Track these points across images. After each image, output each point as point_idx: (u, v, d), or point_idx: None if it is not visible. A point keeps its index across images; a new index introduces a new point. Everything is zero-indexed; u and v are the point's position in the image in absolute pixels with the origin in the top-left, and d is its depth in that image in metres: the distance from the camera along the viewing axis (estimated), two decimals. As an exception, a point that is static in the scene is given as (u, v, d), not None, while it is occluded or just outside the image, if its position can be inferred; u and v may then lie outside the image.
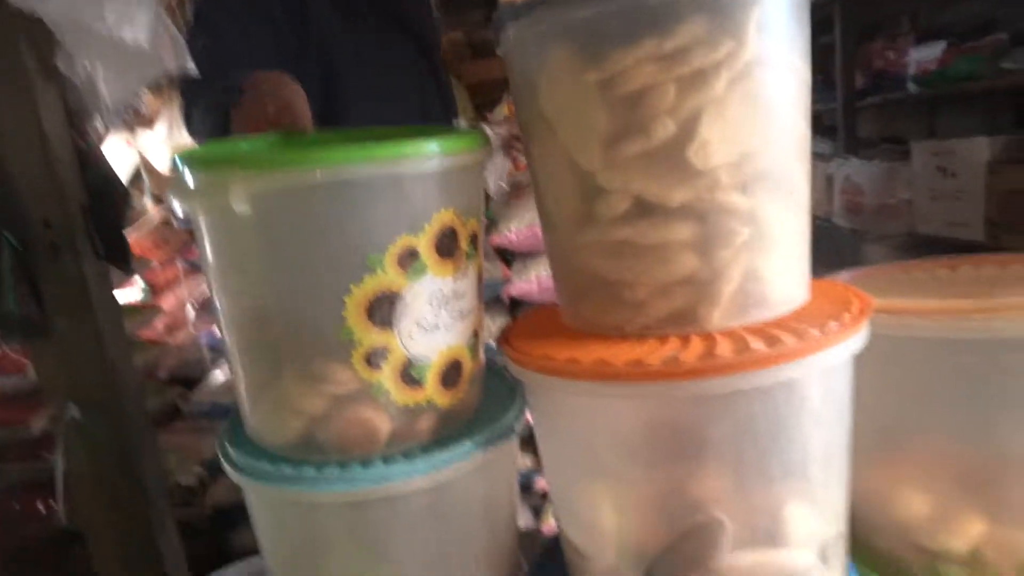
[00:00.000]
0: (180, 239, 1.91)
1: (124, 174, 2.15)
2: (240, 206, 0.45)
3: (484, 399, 0.61)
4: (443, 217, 0.50)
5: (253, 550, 1.32)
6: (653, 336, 0.52)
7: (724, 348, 0.48)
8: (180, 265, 1.90)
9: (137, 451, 0.83)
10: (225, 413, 1.73)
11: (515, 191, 1.67)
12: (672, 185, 0.49)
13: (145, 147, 2.34)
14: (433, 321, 0.52)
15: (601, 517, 0.57)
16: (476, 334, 0.57)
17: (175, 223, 1.72)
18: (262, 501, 0.57)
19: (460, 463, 0.52)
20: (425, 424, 0.54)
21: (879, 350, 0.62)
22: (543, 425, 0.59)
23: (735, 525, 0.51)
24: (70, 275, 0.79)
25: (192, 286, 1.92)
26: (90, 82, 0.73)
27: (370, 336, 0.49)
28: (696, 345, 0.49)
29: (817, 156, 2.27)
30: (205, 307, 1.72)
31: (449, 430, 0.55)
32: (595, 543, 0.58)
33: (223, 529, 1.67)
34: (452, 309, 0.53)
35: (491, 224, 1.68)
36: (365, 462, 0.52)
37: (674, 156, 0.49)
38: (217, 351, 1.77)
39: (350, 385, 0.50)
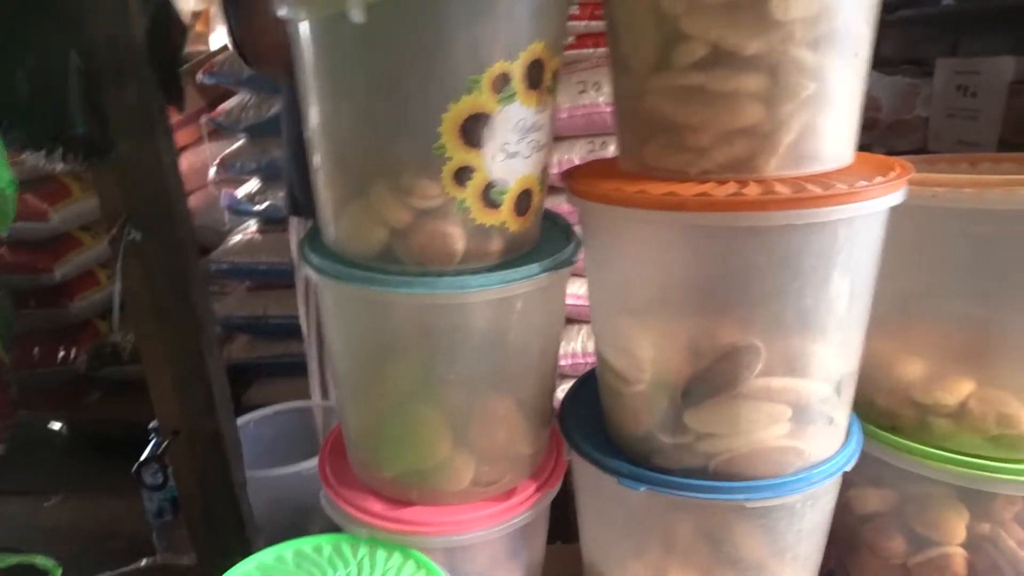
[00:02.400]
0: (195, 98, 1.90)
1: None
2: (357, 15, 0.48)
3: (542, 238, 0.66)
4: (535, 48, 0.54)
5: (263, 406, 1.40)
6: (712, 180, 0.57)
7: (781, 188, 0.53)
8: (204, 124, 1.89)
9: (188, 275, 0.87)
10: (246, 273, 1.80)
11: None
12: (750, 35, 0.53)
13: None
14: (515, 148, 0.56)
15: (642, 347, 0.63)
16: (545, 169, 0.62)
17: (202, 79, 1.70)
18: (341, 302, 0.62)
19: (527, 281, 0.58)
20: (495, 246, 0.59)
21: (906, 219, 0.68)
22: (598, 260, 0.64)
23: (767, 354, 0.58)
24: (133, 100, 0.81)
25: (215, 147, 1.92)
26: None
27: (460, 154, 0.54)
28: (755, 187, 0.54)
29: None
30: (226, 167, 1.73)
31: (514, 256, 0.60)
32: (634, 369, 0.64)
33: (237, 385, 1.76)
34: (531, 140, 0.57)
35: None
36: (440, 273, 0.57)
37: (757, 6, 0.52)
38: (239, 213, 1.80)
39: (436, 200, 0.55)
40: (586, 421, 0.72)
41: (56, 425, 1.62)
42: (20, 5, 0.75)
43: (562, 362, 1.41)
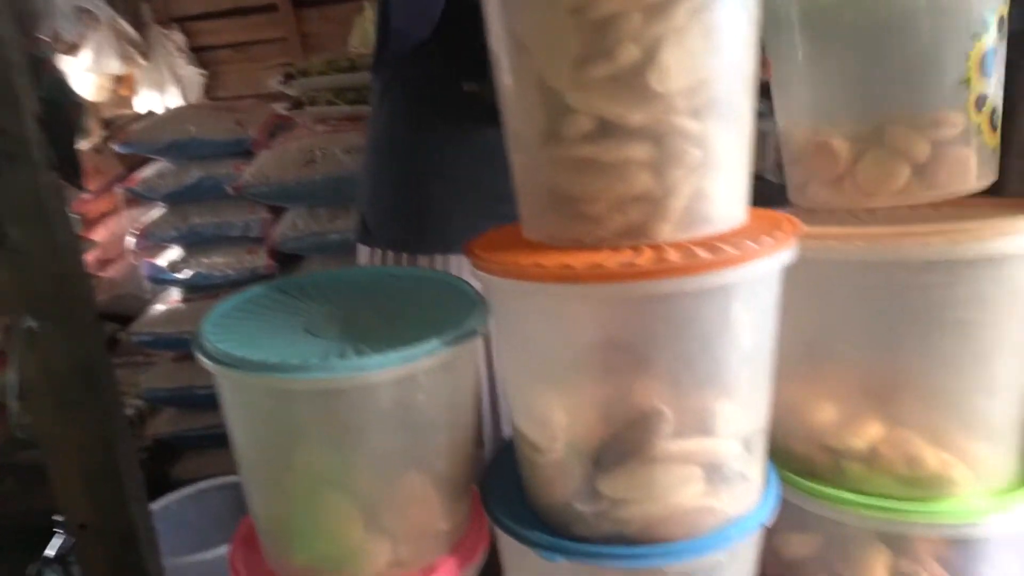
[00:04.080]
0: (116, 168, 1.85)
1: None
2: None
3: (449, 309, 0.66)
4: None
5: (192, 480, 1.34)
6: (609, 247, 0.58)
7: (673, 255, 0.53)
8: (119, 193, 1.84)
9: (93, 363, 0.84)
10: (169, 344, 1.73)
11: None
12: (632, 107, 0.54)
13: (69, 75, 2.23)
14: (999, 77, 0.68)
15: (553, 414, 0.63)
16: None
17: (117, 148, 1.66)
18: (241, 392, 0.60)
19: (427, 358, 0.57)
20: (989, 168, 0.70)
21: (803, 273, 0.70)
22: (505, 330, 0.64)
23: (674, 416, 0.58)
24: (24, 185, 0.79)
25: (131, 215, 1.87)
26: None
27: (979, 84, 0.65)
28: (648, 253, 0.55)
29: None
30: (146, 236, 1.68)
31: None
32: (547, 438, 0.64)
33: (163, 461, 1.68)
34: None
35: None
36: (341, 355, 0.56)
37: (636, 79, 0.53)
38: (159, 282, 1.75)
39: (958, 128, 0.66)
40: (510, 492, 0.71)
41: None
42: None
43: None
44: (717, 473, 0.61)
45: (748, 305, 0.58)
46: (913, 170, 0.69)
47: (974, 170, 0.69)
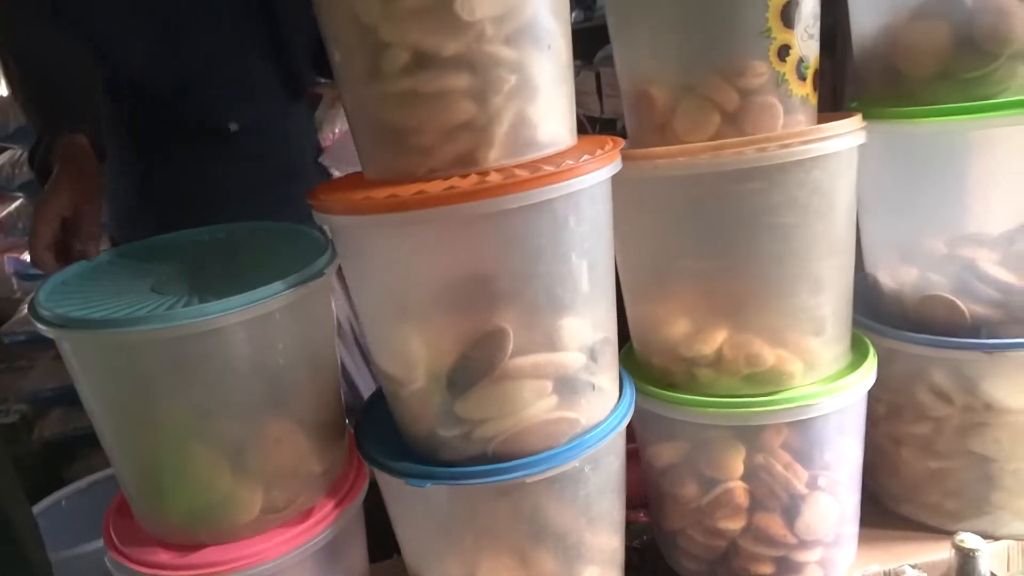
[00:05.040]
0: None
1: None
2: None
3: (297, 255, 0.66)
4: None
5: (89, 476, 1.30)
6: (440, 178, 0.59)
7: (494, 177, 0.56)
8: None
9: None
10: (46, 342, 1.64)
11: (339, 93, 1.67)
12: (445, 37, 0.56)
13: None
14: (812, 31, 0.71)
15: (408, 346, 0.65)
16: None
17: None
18: (85, 353, 0.59)
19: (273, 300, 0.58)
20: (801, 118, 0.72)
21: (638, 194, 0.75)
22: (351, 269, 0.66)
23: (519, 334, 0.61)
24: None
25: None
26: None
27: (782, 35, 0.67)
28: (473, 178, 0.57)
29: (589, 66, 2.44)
30: (5, 230, 1.59)
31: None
32: (405, 369, 0.66)
33: (57, 462, 1.62)
34: (816, 25, 0.72)
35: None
36: (186, 304, 0.56)
37: (443, 9, 0.55)
38: (26, 278, 1.66)
39: (763, 77, 0.68)
40: (384, 431, 0.73)
41: None
42: None
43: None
44: (567, 385, 0.65)
45: (577, 221, 0.61)
46: (723, 118, 0.72)
47: (780, 118, 0.71)
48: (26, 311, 1.68)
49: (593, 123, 2.55)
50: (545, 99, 0.61)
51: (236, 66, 1.04)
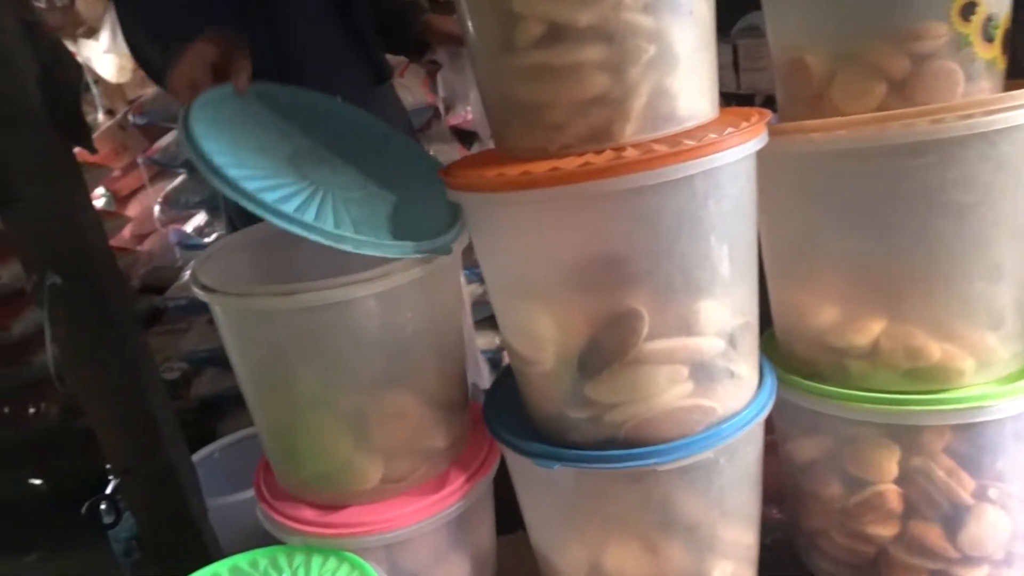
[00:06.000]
0: (139, 141, 1.90)
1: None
2: None
3: (428, 226, 0.67)
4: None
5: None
6: (573, 154, 0.57)
7: (631, 152, 0.53)
8: (143, 165, 1.90)
9: (115, 315, 0.88)
10: (202, 306, 1.79)
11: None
12: (579, 7, 0.54)
13: (90, 58, 2.28)
14: None
15: (537, 326, 0.64)
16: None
17: (133, 120, 1.71)
18: (231, 317, 0.63)
19: (401, 273, 0.59)
20: (986, 85, 0.63)
21: (788, 169, 0.69)
22: (482, 245, 0.65)
23: (653, 317, 0.59)
24: (31, 146, 0.82)
25: (156, 187, 1.93)
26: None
27: None
28: (608, 154, 0.55)
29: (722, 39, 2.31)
30: (170, 203, 1.74)
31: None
32: (534, 349, 0.65)
33: (211, 418, 1.77)
34: None
35: (448, 105, 1.70)
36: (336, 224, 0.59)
37: (580, -23, 0.53)
38: (188, 248, 1.81)
39: (942, 39, 0.60)
40: (511, 408, 0.73)
41: (36, 481, 1.63)
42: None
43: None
44: (703, 371, 0.62)
45: (717, 199, 0.57)
46: (890, 86, 0.65)
47: (961, 84, 0.64)
48: (187, 278, 1.83)
49: (729, 99, 2.41)
50: (685, 69, 0.57)
51: (325, 51, 1.07)
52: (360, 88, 1.10)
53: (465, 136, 1.77)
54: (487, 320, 1.81)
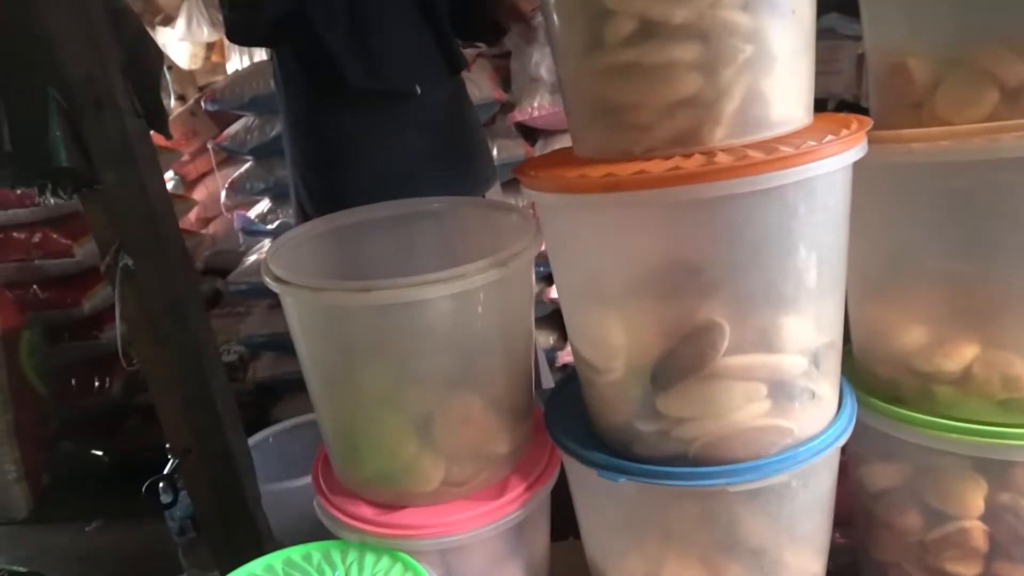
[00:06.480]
0: (211, 130, 1.94)
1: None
2: None
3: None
4: None
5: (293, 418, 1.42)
6: (658, 157, 0.55)
7: (723, 158, 0.50)
8: (211, 150, 1.93)
9: (183, 298, 0.89)
10: (263, 291, 1.83)
11: (537, 68, 1.66)
12: (674, 3, 0.51)
13: (165, 44, 2.34)
14: None
15: (609, 333, 0.62)
16: None
17: (205, 106, 1.74)
18: (302, 311, 0.63)
19: (478, 276, 0.57)
20: None
21: (885, 181, 0.65)
22: (557, 249, 0.63)
23: (733, 330, 0.56)
24: (113, 130, 0.83)
25: (223, 172, 1.97)
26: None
27: None
28: (697, 158, 0.52)
29: (850, 37, 2.21)
30: (236, 189, 1.77)
31: None
32: (604, 357, 0.63)
33: (265, 402, 1.79)
34: None
35: (513, 102, 1.68)
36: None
37: (677, -28, 0.50)
38: (251, 233, 1.84)
39: None
40: (574, 415, 0.71)
41: (98, 453, 1.68)
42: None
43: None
44: (783, 390, 0.59)
45: (810, 210, 0.54)
46: (1003, 95, 0.60)
47: None
48: (249, 263, 1.87)
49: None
50: (782, 72, 0.54)
51: (407, 40, 1.07)
52: (438, 78, 1.10)
53: (530, 133, 1.75)
54: (542, 319, 1.79)
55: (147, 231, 0.86)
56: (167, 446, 1.20)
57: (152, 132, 0.91)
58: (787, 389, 0.59)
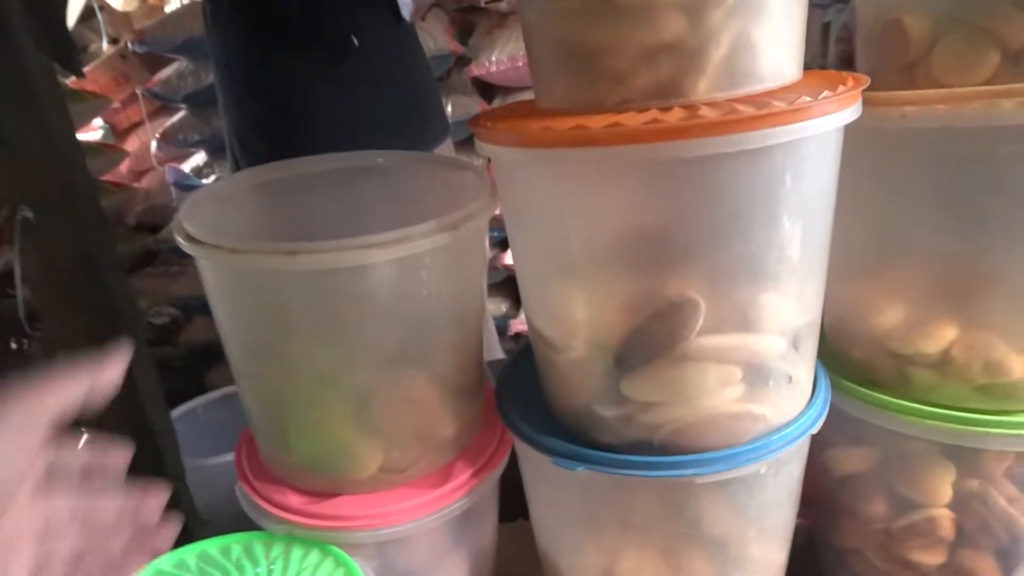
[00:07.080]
0: (140, 72, 1.79)
1: (75, 12, 2.00)
2: None
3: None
4: None
5: (228, 385, 1.34)
6: (634, 109, 0.48)
7: (708, 111, 0.44)
8: (142, 97, 1.79)
9: (97, 256, 0.80)
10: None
11: (498, 20, 1.58)
12: (662, -72, 0.44)
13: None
14: None
15: (571, 308, 0.56)
16: None
17: (133, 48, 1.60)
18: (224, 277, 0.54)
19: (424, 239, 0.50)
20: None
21: (871, 147, 0.60)
22: (513, 211, 0.56)
23: (708, 308, 0.50)
24: (12, 68, 0.73)
25: (156, 122, 1.83)
26: None
27: None
28: (678, 111, 0.46)
29: (814, 4, 2.18)
30: (168, 140, 1.64)
31: None
32: (564, 334, 0.57)
33: (199, 367, 1.70)
34: None
35: (470, 56, 1.59)
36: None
37: None
38: (185, 188, 1.72)
39: None
40: (528, 395, 0.65)
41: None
42: None
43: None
44: (759, 374, 0.54)
45: (799, 175, 0.48)
46: (1004, 57, 0.56)
47: None
48: (183, 221, 1.75)
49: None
50: (775, 18, 0.48)
51: None
52: (379, 25, 1.01)
53: (487, 89, 1.66)
54: (494, 286, 1.73)
55: (53, 181, 0.76)
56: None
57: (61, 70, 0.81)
58: (764, 372, 0.54)
